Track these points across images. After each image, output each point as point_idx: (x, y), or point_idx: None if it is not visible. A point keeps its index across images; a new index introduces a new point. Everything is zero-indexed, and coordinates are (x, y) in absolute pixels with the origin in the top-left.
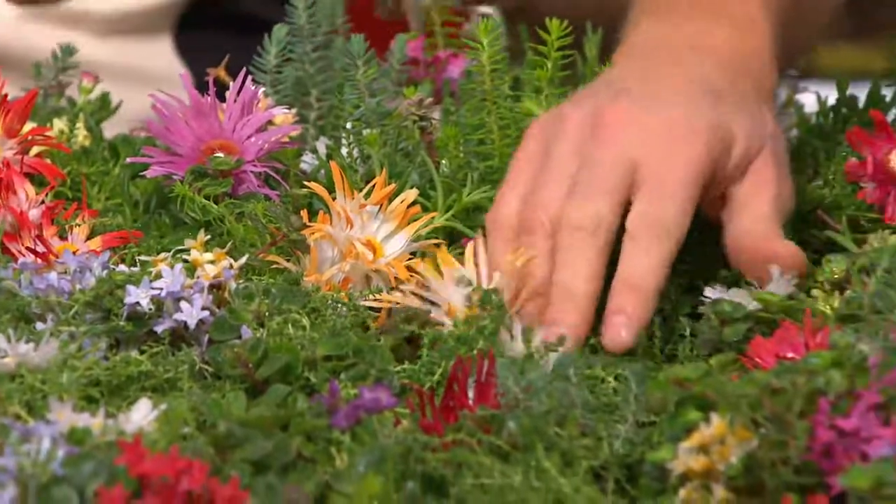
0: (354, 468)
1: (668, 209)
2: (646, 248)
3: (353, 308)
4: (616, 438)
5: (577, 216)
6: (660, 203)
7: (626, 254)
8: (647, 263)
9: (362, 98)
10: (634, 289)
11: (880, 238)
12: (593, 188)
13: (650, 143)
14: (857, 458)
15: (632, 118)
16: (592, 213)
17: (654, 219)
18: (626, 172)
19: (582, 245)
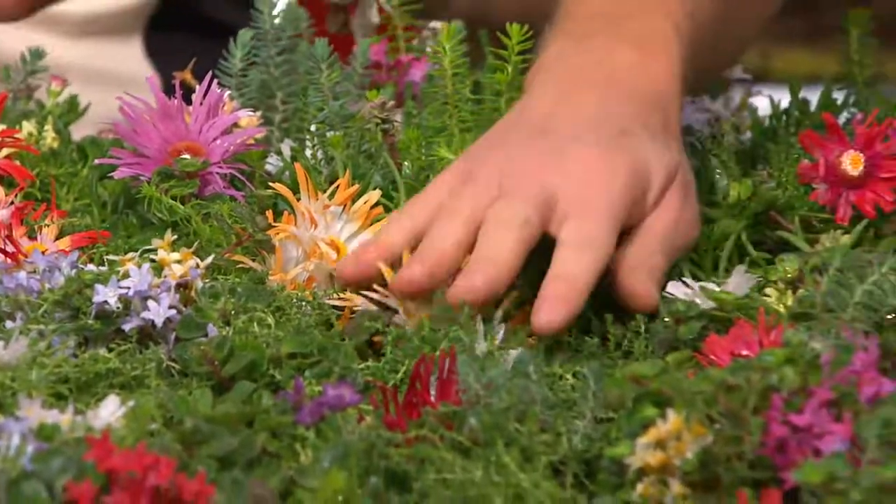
0: (319, 464)
1: (595, 229)
2: (577, 252)
3: (318, 307)
4: (574, 434)
5: (505, 213)
6: (587, 224)
7: (557, 258)
8: (578, 264)
9: (326, 101)
10: (565, 280)
11: (832, 238)
12: (519, 195)
13: (573, 182)
14: (809, 453)
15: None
16: (520, 211)
17: (585, 232)
18: (547, 201)
19: (506, 230)
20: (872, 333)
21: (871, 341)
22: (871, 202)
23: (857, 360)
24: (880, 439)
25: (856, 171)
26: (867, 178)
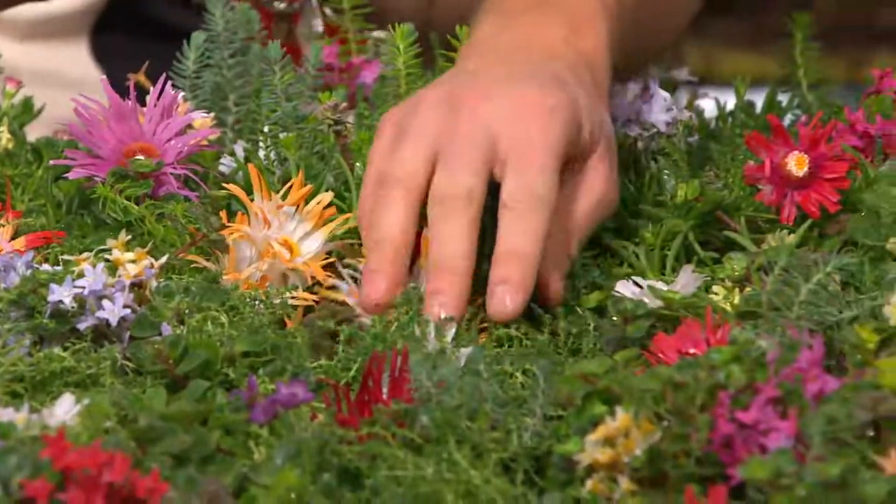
0: (272, 461)
1: (537, 179)
2: (523, 217)
3: (271, 306)
4: (525, 431)
5: (450, 188)
6: (529, 175)
7: (504, 225)
8: (525, 232)
9: (279, 103)
10: (516, 258)
11: (778, 238)
12: (460, 162)
13: (509, 118)
14: (755, 449)
15: (488, 96)
16: (463, 185)
17: (528, 190)
18: (487, 147)
19: (457, 216)
20: (817, 332)
21: (816, 339)
22: (815, 203)
23: (803, 358)
24: (825, 436)
25: (800, 172)
26: (812, 178)
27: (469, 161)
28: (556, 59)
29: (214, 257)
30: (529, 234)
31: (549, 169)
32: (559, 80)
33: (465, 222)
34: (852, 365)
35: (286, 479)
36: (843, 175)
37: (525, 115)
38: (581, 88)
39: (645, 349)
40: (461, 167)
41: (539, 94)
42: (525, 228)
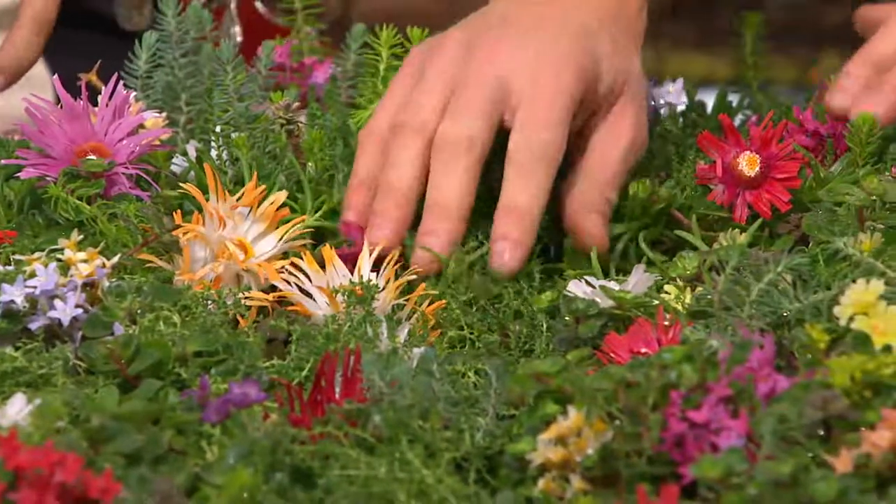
0: (224, 460)
1: (544, 134)
2: (526, 173)
3: (224, 306)
4: (477, 431)
5: (453, 133)
6: (537, 129)
7: (507, 180)
8: (528, 189)
9: (231, 102)
10: (517, 214)
11: (729, 237)
12: (468, 108)
13: (522, 68)
14: (707, 448)
15: (505, 46)
16: (467, 131)
17: (534, 144)
18: (498, 95)
19: (456, 162)
20: (768, 331)
21: (767, 339)
22: (766, 202)
23: (754, 357)
24: (776, 435)
25: (752, 171)
26: (763, 178)
27: (475, 108)
28: (589, 9)
29: (168, 258)
30: (531, 189)
31: (558, 122)
32: (583, 30)
33: (463, 168)
34: (803, 364)
35: (239, 479)
36: (794, 175)
37: (539, 66)
38: (606, 37)
39: (597, 349)
40: (466, 114)
41: (555, 47)
42: (527, 184)
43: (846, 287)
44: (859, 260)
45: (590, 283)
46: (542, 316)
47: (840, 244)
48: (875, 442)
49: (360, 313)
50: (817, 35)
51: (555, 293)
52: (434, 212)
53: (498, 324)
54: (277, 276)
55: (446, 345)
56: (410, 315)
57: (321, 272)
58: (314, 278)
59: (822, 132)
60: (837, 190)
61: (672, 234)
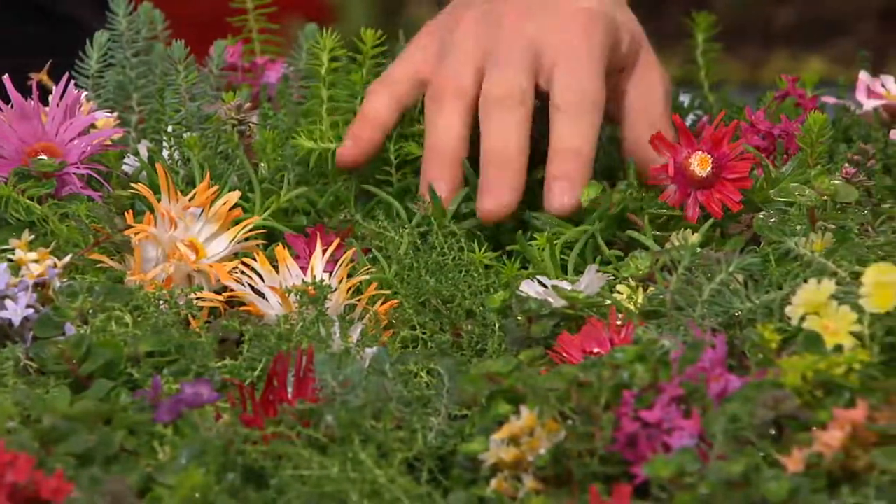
0: (176, 461)
1: (587, 80)
2: (575, 117)
3: (176, 306)
4: (430, 431)
5: (500, 89)
6: (579, 75)
7: (557, 124)
8: (579, 131)
9: (183, 102)
10: (571, 154)
11: (681, 237)
12: (509, 64)
13: (551, 29)
14: (659, 448)
15: (528, 13)
16: (515, 84)
17: (578, 90)
18: (533, 55)
19: (511, 114)
20: (720, 331)
21: (719, 339)
22: (718, 202)
23: (706, 357)
24: (727, 435)
25: (703, 171)
26: (714, 178)
27: (517, 64)
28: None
29: (120, 258)
30: (584, 132)
31: (597, 73)
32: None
33: (519, 118)
34: (755, 364)
35: (191, 479)
36: (745, 175)
37: (567, 27)
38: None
39: (549, 348)
40: (511, 68)
41: (577, 8)
42: (577, 126)
43: (797, 287)
44: (810, 260)
45: (542, 283)
46: (494, 316)
47: (791, 244)
48: (826, 441)
49: (312, 313)
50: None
51: (507, 293)
52: (496, 164)
53: (450, 323)
54: (229, 276)
55: (399, 345)
56: (363, 315)
57: (274, 272)
58: (267, 278)
59: (773, 132)
60: (789, 190)
61: (624, 235)
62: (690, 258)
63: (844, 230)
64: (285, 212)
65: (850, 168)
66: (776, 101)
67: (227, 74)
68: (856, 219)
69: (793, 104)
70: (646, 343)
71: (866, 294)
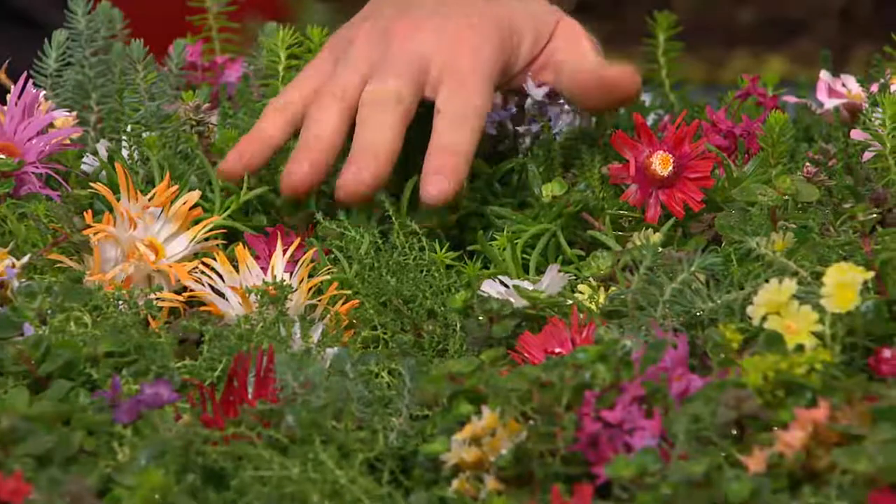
0: (136, 461)
1: (470, 94)
2: (456, 122)
3: (135, 306)
4: (391, 431)
5: (379, 91)
6: (463, 89)
7: (437, 126)
8: (458, 133)
9: (142, 101)
10: (449, 152)
11: (643, 236)
12: (392, 69)
13: (441, 44)
14: (621, 448)
15: (421, 26)
16: (393, 90)
17: (461, 100)
18: (419, 67)
19: (382, 112)
20: (682, 331)
21: (681, 339)
22: (679, 202)
23: (667, 357)
24: (689, 435)
25: (665, 171)
26: (676, 178)
27: (399, 72)
28: None
29: (79, 258)
30: (464, 133)
31: (482, 89)
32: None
33: (392, 118)
34: (716, 364)
35: (150, 480)
36: (706, 174)
37: (455, 44)
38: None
39: (511, 349)
40: (391, 76)
41: (468, 24)
42: (460, 129)
43: (759, 287)
44: (772, 259)
45: (504, 283)
46: (455, 316)
47: (753, 244)
48: (788, 441)
49: (273, 313)
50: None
51: (468, 293)
52: (360, 153)
53: (411, 324)
54: (189, 276)
55: (360, 345)
56: (324, 315)
57: (234, 272)
58: (227, 278)
59: (735, 132)
60: (750, 189)
61: (585, 235)
62: (652, 258)
63: (806, 230)
64: (245, 211)
65: (812, 167)
66: (737, 101)
67: (187, 73)
68: (817, 218)
69: (754, 103)
70: (607, 343)
71: (827, 294)
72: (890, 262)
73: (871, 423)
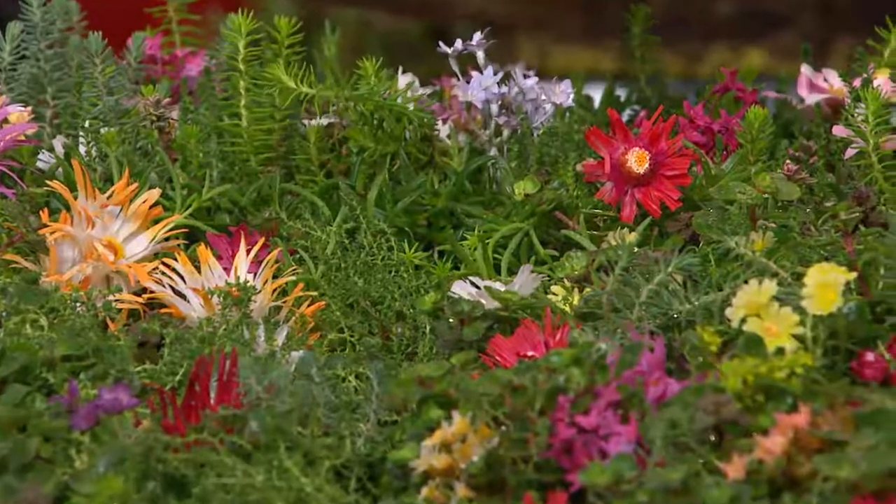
0: (94, 469)
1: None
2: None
3: (93, 308)
4: (358, 437)
5: None
6: None
7: None
8: None
9: (100, 96)
10: None
11: (618, 236)
12: None
13: None
14: (596, 455)
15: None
16: None
17: None
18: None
19: None
20: (658, 333)
21: (658, 341)
22: (656, 200)
23: (644, 360)
24: (666, 440)
25: (641, 168)
26: (652, 175)
27: None
28: None
29: (35, 258)
30: None
31: None
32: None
33: None
34: (694, 368)
35: (109, 488)
36: (684, 171)
37: None
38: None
39: (482, 352)
40: None
41: None
42: None
43: (738, 288)
44: (751, 260)
45: (475, 284)
46: (425, 318)
47: (731, 243)
48: (768, 447)
49: (236, 316)
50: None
51: (438, 294)
52: None
53: (379, 326)
54: (149, 277)
55: (326, 348)
56: (289, 317)
57: (195, 273)
58: (188, 279)
59: (713, 128)
60: (729, 188)
61: (559, 234)
62: (627, 258)
63: (786, 229)
64: (207, 210)
65: (792, 165)
66: (716, 96)
67: (146, 67)
68: (798, 217)
69: (733, 98)
70: (582, 346)
71: (809, 295)
72: (873, 262)
73: (853, 428)
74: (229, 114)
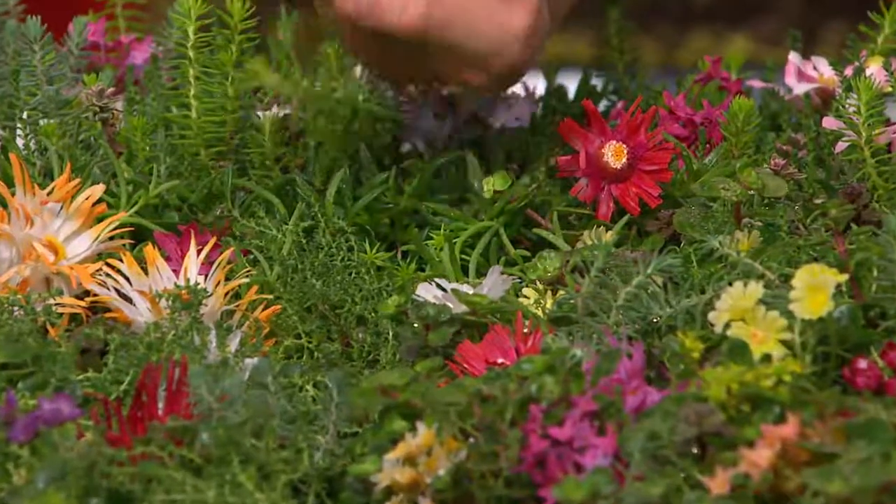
0: (33, 484)
1: None
2: None
3: (32, 312)
4: (316, 450)
5: None
6: None
7: None
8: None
9: (39, 85)
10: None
11: (594, 235)
12: None
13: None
14: (571, 468)
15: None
16: None
17: None
18: None
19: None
20: (637, 339)
21: (636, 348)
22: (634, 197)
23: (622, 368)
24: (645, 453)
25: (618, 163)
26: (630, 170)
27: None
28: None
29: None
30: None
31: None
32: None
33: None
34: (675, 376)
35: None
36: (664, 166)
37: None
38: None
39: (449, 359)
40: None
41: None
42: None
43: (722, 290)
44: (736, 260)
45: (441, 287)
46: (388, 323)
47: (715, 243)
48: (754, 460)
49: (186, 320)
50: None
51: (402, 297)
52: None
53: (339, 331)
54: (92, 279)
55: (282, 355)
56: (242, 322)
57: (142, 274)
58: (134, 281)
59: (695, 120)
60: (712, 183)
61: (530, 233)
62: (604, 259)
63: (773, 228)
64: (155, 208)
65: (779, 159)
66: (698, 85)
67: (89, 55)
68: (785, 215)
69: (716, 88)
70: (555, 353)
71: (797, 298)
72: (865, 263)
73: (845, 440)
74: (178, 104)
